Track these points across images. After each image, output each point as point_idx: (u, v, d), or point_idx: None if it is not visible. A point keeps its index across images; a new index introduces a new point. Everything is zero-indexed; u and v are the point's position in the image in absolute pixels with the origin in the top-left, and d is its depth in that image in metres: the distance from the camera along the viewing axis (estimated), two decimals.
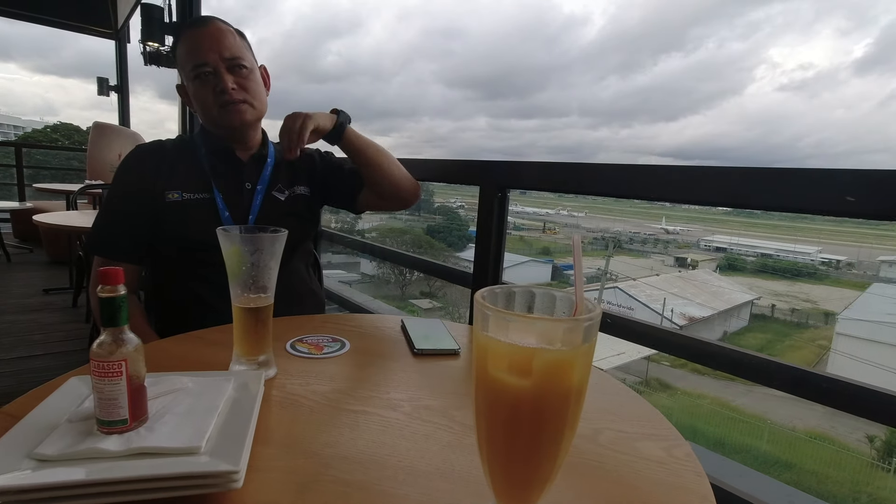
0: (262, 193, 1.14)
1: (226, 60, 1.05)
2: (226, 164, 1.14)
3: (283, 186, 1.18)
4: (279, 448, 0.53)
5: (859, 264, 46.15)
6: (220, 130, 1.12)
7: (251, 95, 1.10)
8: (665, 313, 24.33)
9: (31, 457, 0.44)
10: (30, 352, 2.55)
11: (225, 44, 1.06)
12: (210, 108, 1.08)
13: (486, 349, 0.37)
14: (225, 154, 1.14)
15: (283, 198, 1.17)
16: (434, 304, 26.78)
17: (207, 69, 1.05)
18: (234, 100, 1.06)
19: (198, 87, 1.07)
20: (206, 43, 1.05)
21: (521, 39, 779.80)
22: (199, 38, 1.05)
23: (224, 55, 1.05)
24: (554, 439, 0.38)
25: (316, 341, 0.83)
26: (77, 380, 0.58)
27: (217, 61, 1.05)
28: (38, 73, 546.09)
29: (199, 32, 1.06)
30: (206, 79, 1.05)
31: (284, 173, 1.20)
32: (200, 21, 1.09)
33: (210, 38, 1.05)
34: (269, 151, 1.20)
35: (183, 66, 1.08)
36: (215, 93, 1.06)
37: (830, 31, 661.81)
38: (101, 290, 0.47)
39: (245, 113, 1.09)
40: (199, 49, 1.05)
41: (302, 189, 1.21)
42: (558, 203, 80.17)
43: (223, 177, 1.12)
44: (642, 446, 0.57)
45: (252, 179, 1.14)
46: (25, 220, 4.27)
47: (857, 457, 12.98)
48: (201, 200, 1.09)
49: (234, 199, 1.11)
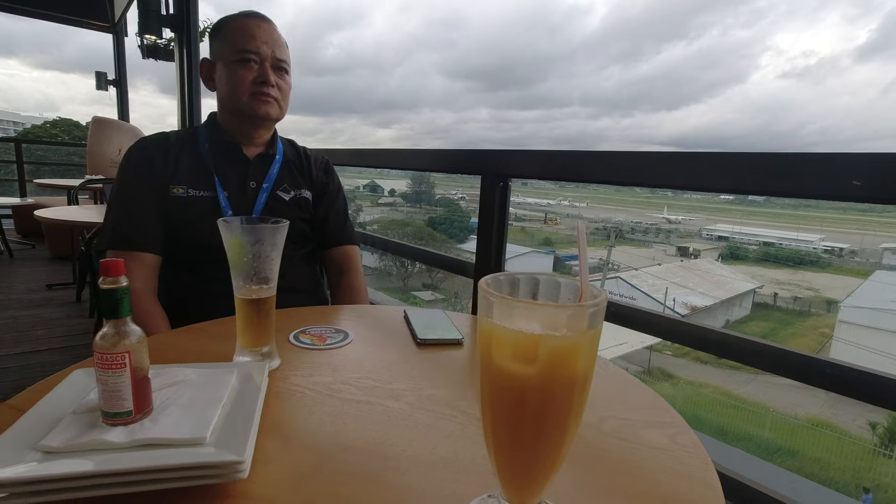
0: (268, 192, 1.14)
1: (274, 59, 1.11)
2: (231, 161, 1.14)
3: (288, 186, 1.19)
4: (283, 439, 0.53)
5: (862, 252, 46.02)
6: (239, 117, 1.13)
7: (282, 97, 1.15)
8: (667, 303, 24.35)
9: (36, 449, 0.44)
10: (34, 347, 2.56)
11: (279, 43, 1.12)
12: (242, 93, 1.09)
13: (491, 336, 0.37)
14: (230, 150, 1.14)
15: (287, 198, 1.18)
16: (436, 296, 26.84)
17: (255, 57, 1.08)
18: (269, 93, 1.10)
19: (237, 70, 1.09)
20: (261, 35, 1.09)
21: (524, 29, 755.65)
22: (255, 28, 1.09)
23: (275, 53, 1.11)
24: (559, 427, 0.37)
25: (319, 332, 0.83)
26: (81, 372, 0.58)
27: (267, 55, 1.10)
28: (39, 68, 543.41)
29: (256, 23, 1.10)
30: (250, 66, 1.09)
31: (291, 174, 1.21)
32: (259, 14, 1.13)
33: (266, 33, 1.10)
34: (278, 149, 1.21)
35: (226, 45, 1.09)
36: (254, 81, 1.09)
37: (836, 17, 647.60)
38: (102, 281, 0.47)
39: (272, 108, 1.12)
40: (253, 37, 1.08)
41: (305, 193, 1.22)
42: (560, 193, 80.00)
43: (227, 174, 1.12)
44: (647, 434, 0.57)
45: (257, 178, 1.15)
46: (27, 216, 4.28)
47: (859, 443, 13.04)
48: (205, 198, 1.08)
49: (238, 197, 1.11)
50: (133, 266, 1.01)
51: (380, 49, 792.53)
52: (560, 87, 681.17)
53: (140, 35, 3.87)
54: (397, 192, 67.59)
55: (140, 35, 3.87)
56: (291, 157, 1.23)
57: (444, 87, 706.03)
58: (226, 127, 1.15)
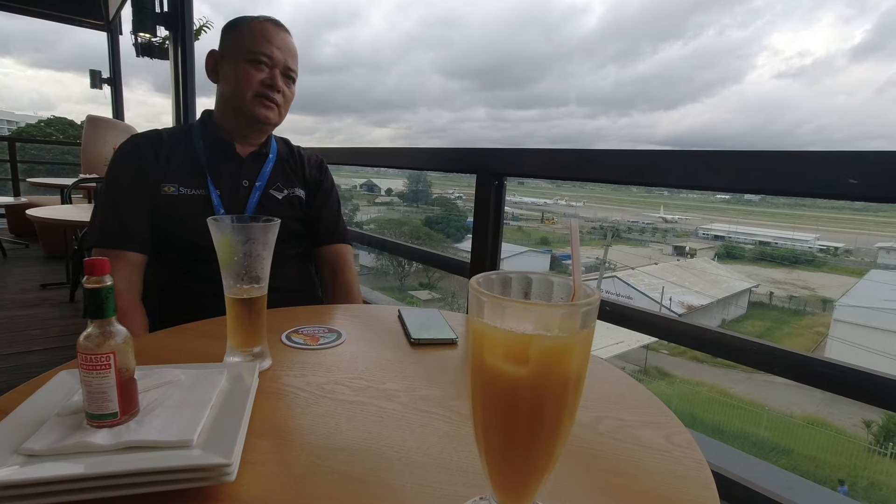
0: (261, 191, 1.14)
1: (286, 67, 1.13)
2: (224, 159, 1.13)
3: (281, 185, 1.18)
4: (275, 440, 0.52)
5: (857, 251, 46.28)
6: (238, 116, 1.12)
7: (285, 104, 1.16)
8: (664, 302, 24.41)
9: (18, 452, 0.43)
10: (27, 347, 2.54)
11: (292, 52, 1.14)
12: (246, 91, 1.09)
13: (482, 336, 0.36)
14: (224, 148, 1.13)
15: (280, 196, 1.17)
16: (433, 296, 26.84)
17: (267, 61, 1.09)
18: (274, 98, 1.11)
19: (247, 68, 1.09)
20: (277, 41, 1.11)
21: (521, 28, 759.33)
22: (274, 33, 1.11)
23: (287, 62, 1.13)
24: (552, 428, 0.37)
25: (312, 332, 0.82)
26: (66, 374, 0.57)
27: (280, 61, 1.11)
28: (34, 66, 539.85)
29: (275, 29, 1.11)
30: (261, 67, 1.09)
31: (285, 172, 1.20)
32: (278, 22, 1.14)
33: (283, 41, 1.12)
34: (272, 148, 1.20)
35: (240, 43, 1.10)
36: (262, 82, 1.09)
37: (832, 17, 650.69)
38: (86, 280, 0.46)
39: (272, 113, 1.13)
40: (270, 41, 1.10)
41: (299, 191, 1.21)
42: (556, 193, 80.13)
43: (220, 172, 1.11)
44: (642, 434, 0.57)
45: (250, 177, 1.14)
46: (20, 216, 4.24)
47: (854, 442, 13.11)
48: (197, 196, 1.07)
49: (231, 196, 1.10)
50: (117, 265, 1.00)
51: (377, 48, 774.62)
52: (557, 86, 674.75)
53: (134, 33, 3.84)
54: (394, 192, 67.54)
55: (134, 33, 3.84)
56: (285, 156, 1.22)
57: (442, 87, 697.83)
58: (222, 125, 1.14)
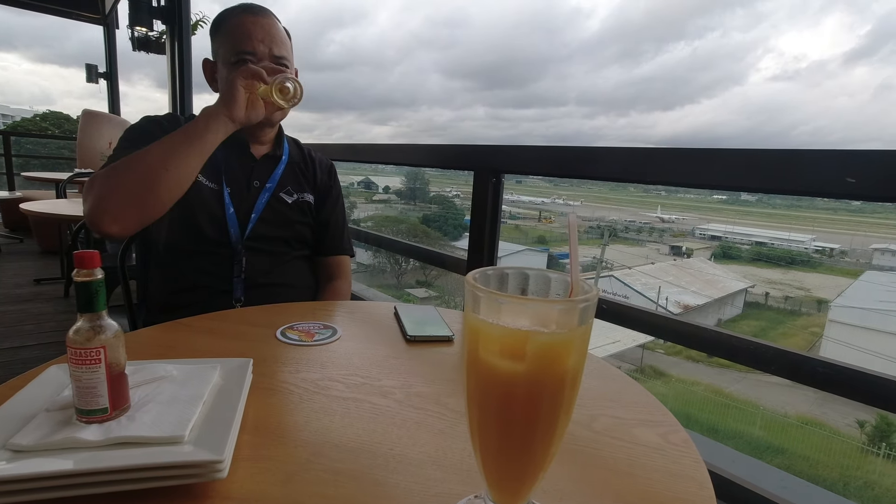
0: (270, 192, 1.12)
1: (272, 56, 1.05)
2: (238, 158, 1.11)
3: (292, 189, 1.16)
4: (268, 437, 0.51)
5: (853, 252, 46.48)
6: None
7: None
8: (660, 301, 24.49)
9: (6, 447, 0.42)
10: (22, 342, 2.52)
11: (276, 39, 1.06)
12: None
13: (478, 333, 0.35)
14: (238, 148, 1.11)
15: (290, 201, 1.15)
16: (430, 293, 26.84)
17: (252, 58, 1.03)
18: None
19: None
20: (258, 33, 1.04)
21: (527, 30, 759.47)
22: (252, 25, 1.04)
23: (273, 51, 1.05)
24: (548, 426, 0.36)
25: (307, 328, 0.81)
26: (56, 368, 0.56)
27: (265, 53, 1.04)
28: (40, 62, 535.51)
29: (254, 20, 1.04)
30: None
31: (296, 176, 1.18)
32: (257, 9, 1.07)
33: (263, 30, 1.04)
34: (284, 150, 1.18)
35: (224, 45, 1.05)
36: None
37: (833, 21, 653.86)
38: (76, 273, 0.45)
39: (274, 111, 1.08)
40: (249, 37, 1.03)
41: (308, 196, 1.19)
42: (554, 192, 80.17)
43: (233, 171, 1.10)
44: (639, 433, 0.56)
45: (261, 178, 1.13)
46: (15, 210, 4.20)
47: (847, 441, 13.19)
48: (211, 189, 1.06)
49: (241, 195, 1.09)
50: None
51: (381, 47, 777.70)
52: (557, 86, 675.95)
53: (130, 27, 3.82)
54: (392, 189, 67.43)
55: (130, 27, 3.82)
56: (297, 159, 1.21)
57: (442, 86, 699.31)
58: None
